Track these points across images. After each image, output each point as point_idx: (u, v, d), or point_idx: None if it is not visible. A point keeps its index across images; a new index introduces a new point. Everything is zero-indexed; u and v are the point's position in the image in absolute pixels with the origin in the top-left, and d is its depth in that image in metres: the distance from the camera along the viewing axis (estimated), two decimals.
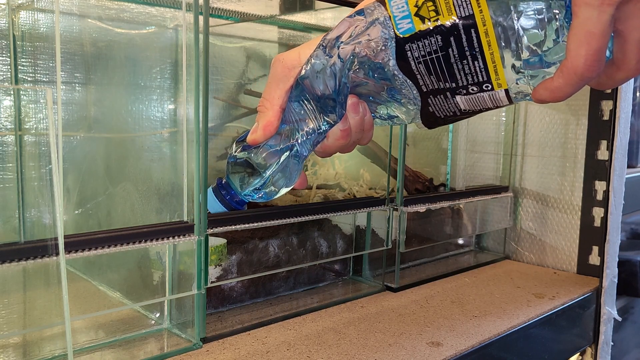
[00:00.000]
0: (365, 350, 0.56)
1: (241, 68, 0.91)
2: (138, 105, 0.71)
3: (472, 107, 0.39)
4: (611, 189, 0.83)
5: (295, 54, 0.42)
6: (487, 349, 0.61)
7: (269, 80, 0.43)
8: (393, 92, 0.40)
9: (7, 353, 0.51)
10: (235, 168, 0.45)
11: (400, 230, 0.74)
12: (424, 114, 0.40)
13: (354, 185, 0.87)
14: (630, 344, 1.13)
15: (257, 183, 0.44)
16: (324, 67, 0.39)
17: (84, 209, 0.70)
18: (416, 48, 0.37)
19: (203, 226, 0.54)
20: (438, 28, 0.36)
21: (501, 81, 0.36)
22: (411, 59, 0.37)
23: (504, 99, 0.38)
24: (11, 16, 0.61)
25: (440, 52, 0.36)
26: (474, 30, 0.35)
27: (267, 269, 0.64)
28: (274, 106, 0.42)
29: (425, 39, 0.36)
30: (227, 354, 0.54)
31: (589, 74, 0.34)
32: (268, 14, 0.91)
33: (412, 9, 0.36)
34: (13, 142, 0.61)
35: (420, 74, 0.37)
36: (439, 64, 0.36)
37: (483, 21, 0.34)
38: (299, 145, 0.42)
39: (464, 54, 0.35)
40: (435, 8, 0.35)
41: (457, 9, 0.35)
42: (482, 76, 0.36)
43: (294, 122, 0.42)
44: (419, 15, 0.36)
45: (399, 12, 0.37)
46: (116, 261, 0.55)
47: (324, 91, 0.40)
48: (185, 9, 0.53)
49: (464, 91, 0.37)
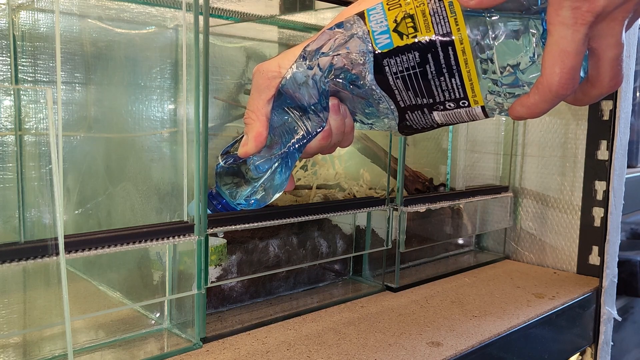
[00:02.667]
0: (365, 350, 0.56)
1: (241, 68, 0.91)
2: (138, 105, 0.71)
3: (449, 121, 0.39)
4: (611, 189, 0.83)
5: (274, 64, 0.42)
6: (487, 349, 0.61)
7: (252, 91, 0.43)
8: (370, 104, 0.40)
9: (7, 353, 0.51)
10: (225, 179, 0.45)
11: (400, 230, 0.74)
12: (401, 126, 0.41)
13: (354, 185, 0.87)
14: (630, 344, 1.13)
15: (248, 192, 0.44)
16: (305, 78, 0.40)
17: (84, 209, 0.71)
18: (394, 63, 0.37)
19: (203, 226, 0.54)
20: (416, 44, 0.36)
21: (477, 98, 0.36)
22: (389, 74, 0.37)
23: (481, 115, 0.38)
24: (11, 16, 0.61)
25: (417, 68, 0.36)
26: (451, 48, 0.35)
27: (267, 269, 0.64)
28: (260, 116, 0.43)
29: (403, 55, 0.36)
30: (227, 354, 0.54)
31: (564, 91, 0.34)
32: (268, 14, 0.91)
33: (390, 24, 0.36)
34: (13, 142, 0.61)
35: (398, 89, 0.38)
36: (417, 80, 0.37)
37: (460, 39, 0.35)
38: (288, 153, 0.43)
39: (441, 70, 0.36)
40: (413, 25, 0.36)
41: (436, 27, 0.35)
42: (459, 93, 0.36)
43: (282, 131, 0.42)
44: (398, 31, 0.36)
45: (377, 27, 0.37)
46: (116, 261, 0.55)
47: (307, 99, 0.40)
48: (185, 9, 0.53)
49: (441, 107, 0.38)
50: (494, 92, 0.36)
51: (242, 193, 0.45)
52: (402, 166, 0.75)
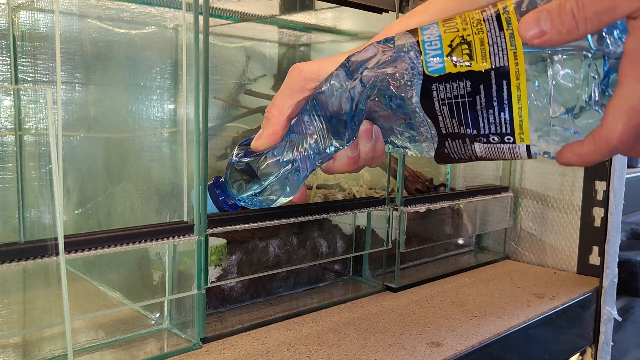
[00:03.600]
0: (365, 350, 0.56)
1: (241, 68, 0.91)
2: (138, 105, 0.71)
3: (489, 155, 0.37)
4: (611, 189, 0.83)
5: (315, 66, 0.40)
6: (487, 349, 0.61)
7: (283, 87, 0.41)
8: (410, 127, 0.38)
9: (7, 353, 0.51)
10: (235, 171, 0.44)
11: (400, 230, 0.74)
12: (438, 153, 0.39)
13: (354, 185, 0.87)
14: (630, 344, 1.13)
15: (254, 190, 0.43)
16: (343, 89, 0.38)
17: (83, 209, 0.71)
18: (443, 89, 0.35)
19: (203, 226, 0.54)
20: (469, 73, 0.34)
21: (524, 136, 0.35)
22: (436, 99, 0.35)
23: (524, 154, 0.36)
24: (11, 16, 0.61)
25: (467, 98, 0.35)
26: (505, 82, 0.33)
27: (267, 269, 0.64)
28: (282, 115, 0.41)
29: (454, 82, 0.35)
30: (227, 354, 0.54)
31: (622, 147, 0.32)
32: (268, 14, 0.91)
33: (445, 48, 0.35)
34: (13, 142, 0.61)
35: (443, 115, 0.36)
36: (464, 109, 0.35)
37: (517, 74, 0.33)
38: (301, 160, 0.41)
39: (491, 103, 0.34)
40: (469, 52, 0.34)
41: (493, 58, 0.33)
42: (506, 128, 0.35)
43: (302, 136, 0.41)
44: (452, 57, 0.34)
45: (431, 49, 0.35)
46: (116, 261, 0.55)
47: (339, 112, 0.39)
48: (185, 8, 0.53)
49: (484, 139, 0.36)
50: (542, 132, 0.35)
51: (248, 190, 0.43)
52: (402, 166, 0.75)
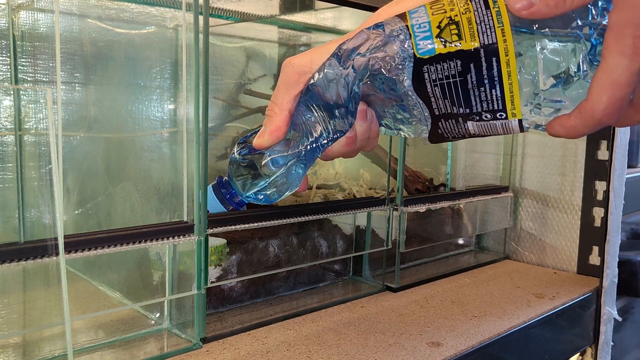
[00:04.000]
0: (365, 350, 0.56)
1: (241, 68, 0.91)
2: (138, 105, 0.71)
3: (482, 132, 0.38)
4: (611, 189, 0.83)
5: (306, 59, 0.41)
6: (487, 349, 0.61)
7: (279, 84, 0.42)
8: (403, 109, 0.39)
9: (7, 353, 0.51)
10: (238, 169, 0.44)
11: (400, 231, 0.74)
12: (431, 133, 0.39)
13: (354, 185, 0.87)
14: (631, 344, 1.13)
15: (260, 186, 0.43)
16: (337, 77, 0.38)
17: (83, 209, 0.70)
18: (434, 70, 0.36)
19: (203, 226, 0.54)
20: (459, 53, 0.34)
21: (516, 111, 0.35)
22: (427, 80, 0.36)
23: (517, 128, 0.37)
24: (11, 16, 0.61)
25: (458, 77, 0.35)
26: (495, 59, 0.34)
27: (267, 269, 0.64)
28: (283, 111, 0.41)
29: (444, 63, 0.35)
30: (227, 354, 0.54)
31: (607, 120, 0.32)
32: (268, 14, 0.91)
33: (434, 30, 0.35)
34: (13, 142, 0.61)
35: (435, 96, 0.37)
36: (456, 88, 0.36)
37: (506, 51, 0.34)
38: (305, 152, 0.41)
39: (482, 81, 0.35)
40: (458, 32, 0.34)
41: (481, 36, 0.34)
42: (498, 105, 0.35)
43: (303, 128, 0.41)
44: (441, 38, 0.35)
45: (420, 32, 0.36)
46: (116, 261, 0.55)
47: (336, 99, 0.39)
48: (185, 8, 0.53)
49: (477, 117, 0.36)
50: (533, 106, 0.35)
51: (253, 186, 0.43)
52: (402, 166, 0.75)
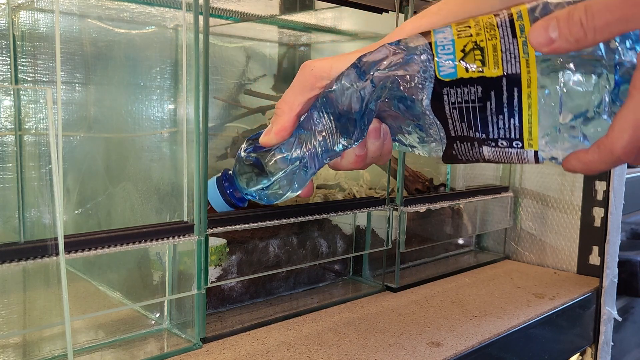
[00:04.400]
0: (365, 350, 0.56)
1: (241, 68, 0.91)
2: (138, 105, 0.71)
3: (497, 159, 0.37)
4: (611, 189, 0.83)
5: (327, 64, 0.40)
6: (487, 349, 0.61)
7: (294, 84, 0.41)
8: (419, 128, 0.39)
9: (7, 353, 0.51)
10: (243, 165, 0.44)
11: (400, 231, 0.74)
12: (446, 154, 0.39)
13: (354, 185, 0.87)
14: (630, 344, 1.13)
15: (262, 184, 0.43)
16: (354, 89, 0.38)
17: (83, 209, 0.70)
18: (454, 93, 0.35)
19: (203, 226, 0.54)
20: (481, 79, 0.34)
21: (533, 142, 0.35)
22: (446, 102, 0.36)
23: (532, 159, 0.36)
24: (11, 16, 0.61)
25: (477, 103, 0.35)
26: (517, 89, 0.33)
27: (267, 269, 0.64)
28: (292, 112, 0.41)
29: (465, 87, 0.35)
30: (227, 354, 0.54)
31: (626, 158, 0.32)
32: (268, 14, 0.91)
33: (457, 53, 0.35)
34: (13, 142, 0.61)
35: (452, 119, 0.36)
36: (474, 113, 0.35)
37: (528, 82, 0.33)
38: (309, 157, 0.41)
39: (501, 109, 0.34)
40: (482, 58, 0.34)
41: (505, 65, 0.33)
42: (515, 134, 0.35)
43: (310, 133, 0.41)
44: (464, 62, 0.35)
45: (443, 53, 0.35)
46: (116, 261, 0.55)
47: (348, 111, 0.39)
48: (185, 8, 0.53)
49: (493, 144, 0.36)
50: (550, 138, 0.35)
51: (257, 184, 0.43)
52: (402, 166, 0.75)
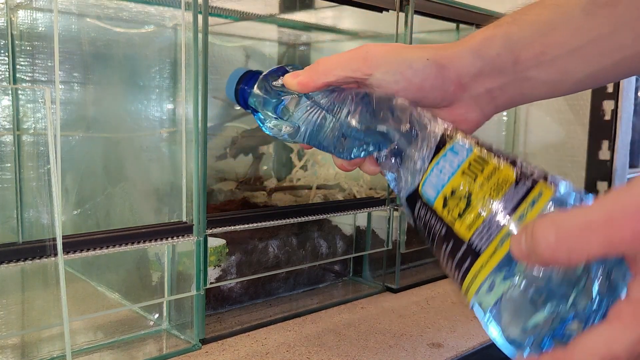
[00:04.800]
0: (365, 351, 0.56)
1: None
2: (137, 105, 0.71)
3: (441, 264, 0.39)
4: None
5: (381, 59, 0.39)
6: (488, 350, 0.61)
7: (345, 55, 0.40)
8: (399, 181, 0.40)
9: (5, 354, 0.51)
10: (261, 87, 0.44)
11: (400, 231, 0.74)
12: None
13: (354, 186, 0.86)
14: None
15: (266, 110, 0.44)
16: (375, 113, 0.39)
17: (82, 209, 0.70)
18: (423, 208, 0.36)
19: (202, 227, 0.54)
20: (449, 227, 0.35)
21: (469, 293, 0.34)
22: (415, 209, 0.37)
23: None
24: (9, 15, 0.61)
25: (438, 235, 0.35)
26: (471, 258, 0.33)
27: (266, 269, 0.63)
28: (325, 77, 0.40)
29: (433, 217, 0.36)
30: (227, 355, 0.54)
31: None
32: (268, 13, 0.91)
33: (446, 189, 0.35)
34: (11, 142, 0.60)
35: (415, 218, 0.38)
36: (434, 238, 0.36)
37: (486, 262, 0.33)
38: (305, 132, 0.42)
39: (454, 257, 0.35)
40: (461, 213, 0.34)
41: (477, 236, 0.33)
42: (457, 276, 0.35)
43: (318, 115, 0.41)
44: (445, 203, 0.35)
45: (435, 175, 0.36)
46: (115, 262, 0.55)
47: (358, 127, 0.39)
48: (185, 8, 0.53)
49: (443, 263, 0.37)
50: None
51: (264, 106, 0.44)
52: None
